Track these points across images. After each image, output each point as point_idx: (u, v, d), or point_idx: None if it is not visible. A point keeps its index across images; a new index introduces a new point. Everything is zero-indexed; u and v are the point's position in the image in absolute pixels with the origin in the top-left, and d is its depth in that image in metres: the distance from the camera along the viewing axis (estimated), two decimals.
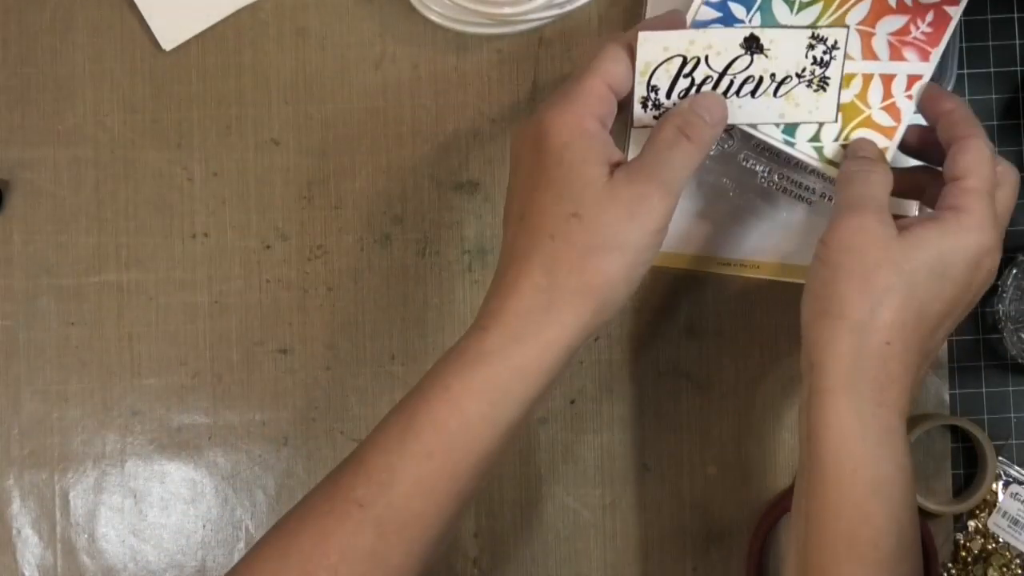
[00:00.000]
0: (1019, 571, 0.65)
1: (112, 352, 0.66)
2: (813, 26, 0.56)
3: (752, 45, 0.55)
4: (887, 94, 0.58)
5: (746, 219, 0.64)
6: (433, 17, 0.64)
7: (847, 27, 0.56)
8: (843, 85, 0.56)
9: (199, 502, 0.66)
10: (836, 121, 0.57)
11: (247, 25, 0.66)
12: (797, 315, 0.65)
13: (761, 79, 0.55)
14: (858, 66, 0.57)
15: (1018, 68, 0.66)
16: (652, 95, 0.55)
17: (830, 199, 0.61)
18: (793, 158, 0.58)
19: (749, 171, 0.62)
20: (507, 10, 0.62)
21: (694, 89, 0.55)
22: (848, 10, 0.57)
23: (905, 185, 0.57)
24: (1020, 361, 0.64)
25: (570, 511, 0.66)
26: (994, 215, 0.53)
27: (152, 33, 0.66)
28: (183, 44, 0.66)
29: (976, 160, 0.53)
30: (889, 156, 0.57)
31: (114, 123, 0.66)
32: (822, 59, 0.55)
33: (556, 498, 0.66)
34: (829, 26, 0.56)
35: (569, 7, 0.63)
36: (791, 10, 0.56)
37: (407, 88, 0.66)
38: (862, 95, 0.57)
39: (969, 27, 0.65)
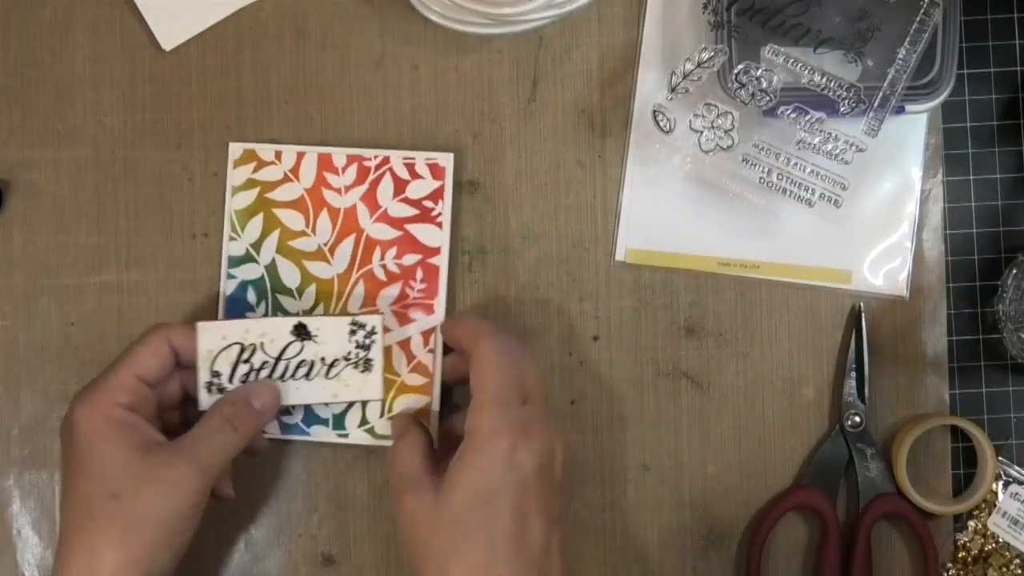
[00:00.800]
0: (1019, 571, 0.65)
1: (112, 352, 0.65)
2: (352, 314, 0.62)
3: (301, 332, 0.61)
4: (410, 357, 0.64)
5: (746, 219, 0.64)
6: (433, 17, 0.64)
7: (382, 314, 0.63)
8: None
9: None
10: (383, 397, 0.62)
11: (247, 25, 0.66)
12: (797, 315, 0.66)
13: (313, 363, 0.61)
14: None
15: (1018, 68, 0.66)
16: (215, 380, 0.60)
17: (831, 199, 0.61)
18: (796, 156, 0.58)
19: (749, 171, 0.62)
20: (507, 10, 0.62)
21: (253, 374, 0.60)
22: (347, 302, 0.64)
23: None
24: (1020, 361, 0.64)
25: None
26: (506, 409, 0.55)
27: (152, 33, 0.66)
28: (183, 44, 0.66)
29: (480, 372, 0.56)
30: (435, 406, 0.63)
31: (114, 123, 0.66)
32: (364, 343, 0.61)
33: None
34: (366, 313, 0.63)
35: (569, 7, 0.63)
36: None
37: (407, 88, 0.66)
38: (388, 368, 0.63)
39: (969, 27, 0.65)
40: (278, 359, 0.61)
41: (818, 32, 0.61)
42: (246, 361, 0.61)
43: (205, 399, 0.60)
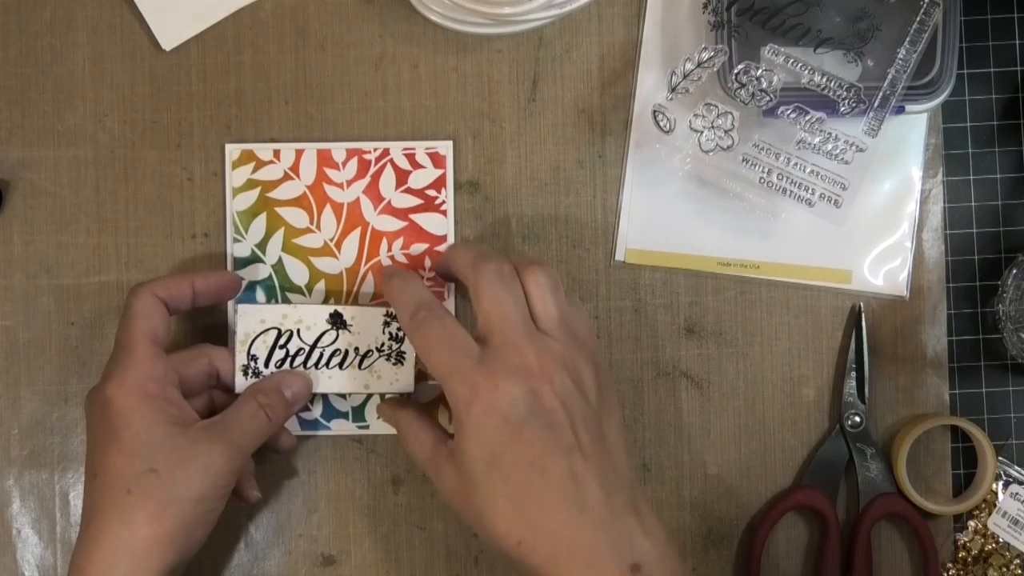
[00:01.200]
0: (1019, 571, 0.65)
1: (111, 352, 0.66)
2: (387, 304, 0.62)
3: (337, 321, 0.62)
4: None
5: (746, 219, 0.64)
6: (433, 17, 0.64)
7: None
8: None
9: None
10: (413, 391, 0.63)
11: (247, 25, 0.66)
12: (797, 315, 0.66)
13: (347, 352, 0.62)
14: None
15: (1018, 68, 0.66)
16: (252, 363, 0.62)
17: (831, 199, 0.61)
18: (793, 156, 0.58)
19: (749, 171, 0.62)
20: (507, 10, 0.62)
21: (288, 360, 0.62)
22: (357, 295, 0.64)
23: None
24: (1020, 361, 0.64)
25: None
26: (460, 377, 0.54)
27: (152, 33, 0.66)
28: (183, 44, 0.66)
29: (420, 354, 0.57)
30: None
31: (114, 123, 0.66)
32: (397, 335, 0.62)
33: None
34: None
35: (569, 7, 0.63)
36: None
37: (407, 88, 0.66)
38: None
39: (969, 27, 0.65)
40: (313, 347, 0.62)
41: (818, 32, 0.61)
42: (282, 347, 0.62)
43: (241, 382, 0.62)
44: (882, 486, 0.64)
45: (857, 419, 0.64)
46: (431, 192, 0.65)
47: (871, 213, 0.65)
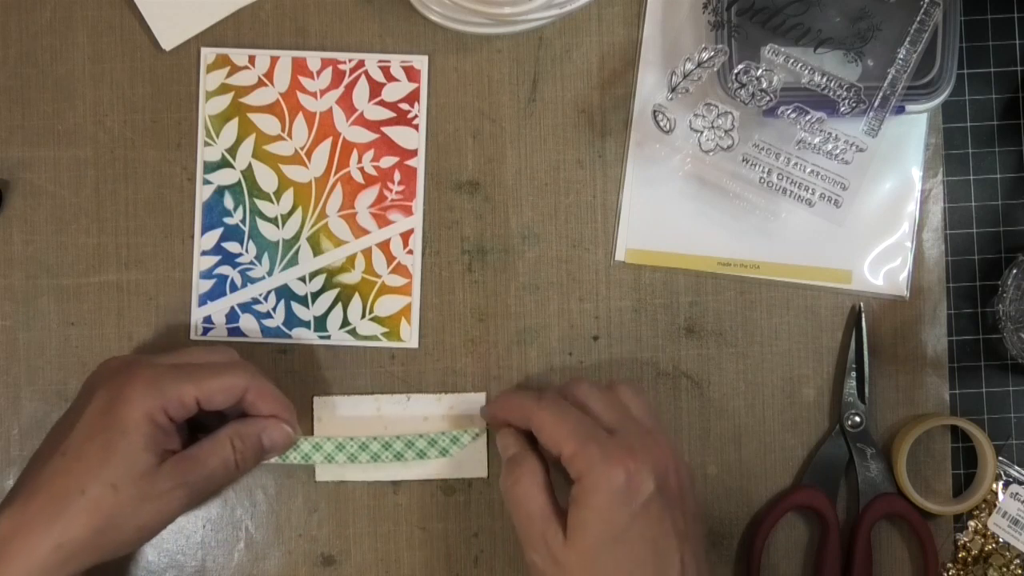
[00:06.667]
0: (1019, 571, 0.65)
1: (112, 352, 0.66)
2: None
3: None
4: (390, 258, 0.65)
5: (746, 219, 0.64)
6: (433, 17, 0.64)
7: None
8: (348, 268, 0.64)
9: None
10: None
11: (247, 25, 0.66)
12: (797, 315, 0.66)
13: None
14: (354, 246, 0.65)
15: (1018, 68, 0.66)
16: None
17: (831, 199, 0.61)
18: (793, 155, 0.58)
19: (749, 171, 0.62)
20: (507, 10, 0.62)
21: None
22: (325, 205, 0.64)
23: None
24: (1020, 361, 0.64)
25: None
26: (599, 445, 0.54)
27: (152, 33, 0.66)
28: (183, 44, 0.66)
29: (552, 434, 0.56)
30: (416, 307, 0.65)
31: (114, 123, 0.66)
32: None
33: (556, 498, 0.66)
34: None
35: (569, 7, 0.63)
36: (278, 226, 0.65)
37: None
38: (369, 269, 0.65)
39: (969, 27, 0.65)
40: None
41: (818, 32, 0.61)
42: None
43: None
44: (882, 486, 0.64)
45: (857, 419, 0.64)
46: (404, 106, 0.65)
47: (871, 213, 0.65)
